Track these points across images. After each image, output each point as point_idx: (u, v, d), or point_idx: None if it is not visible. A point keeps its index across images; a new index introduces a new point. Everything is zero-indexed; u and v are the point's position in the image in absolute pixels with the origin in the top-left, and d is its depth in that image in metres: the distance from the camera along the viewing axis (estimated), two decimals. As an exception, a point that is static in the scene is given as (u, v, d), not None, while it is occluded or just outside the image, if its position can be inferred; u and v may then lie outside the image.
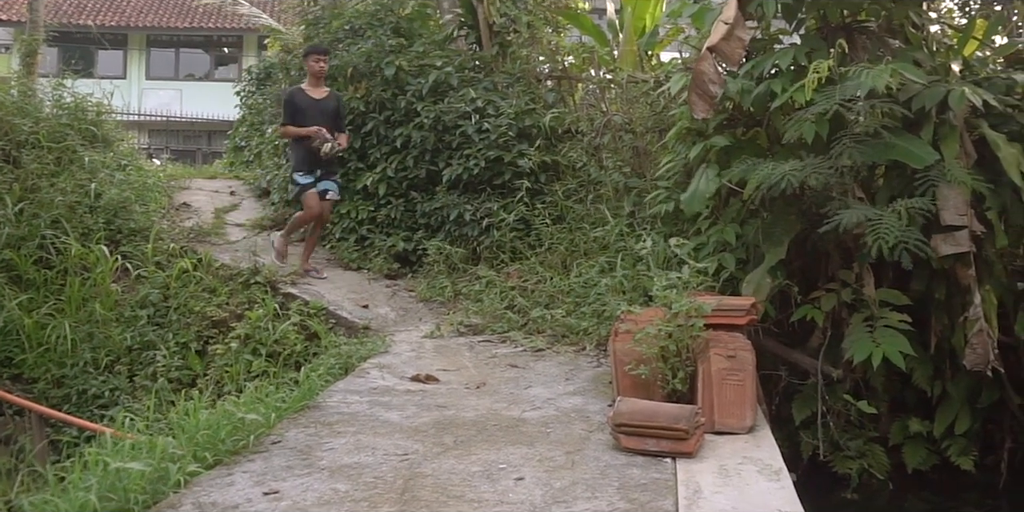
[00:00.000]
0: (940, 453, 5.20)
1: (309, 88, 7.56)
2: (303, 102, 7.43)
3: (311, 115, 7.38)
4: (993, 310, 5.04)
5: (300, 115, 7.39)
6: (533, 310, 6.24)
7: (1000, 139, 5.09)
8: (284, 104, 7.54)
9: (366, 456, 3.76)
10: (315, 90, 7.56)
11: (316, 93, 7.54)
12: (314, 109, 7.42)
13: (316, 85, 7.59)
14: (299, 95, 7.49)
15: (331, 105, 7.58)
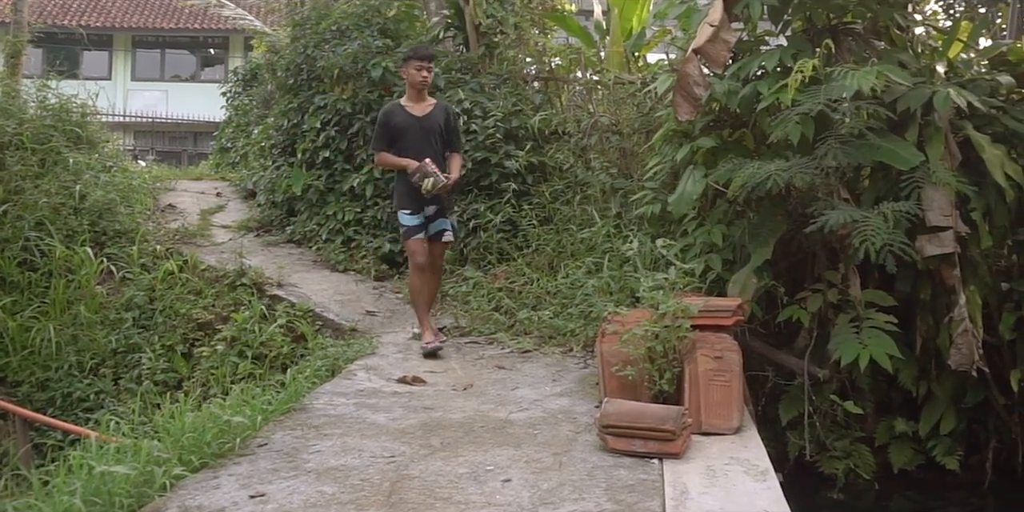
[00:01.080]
0: (926, 453, 5.21)
1: (409, 103, 6.10)
2: (402, 121, 6.01)
3: (412, 138, 5.98)
4: (978, 310, 5.05)
5: (399, 138, 6.01)
6: (520, 311, 6.24)
7: (984, 141, 5.11)
8: (378, 125, 6.14)
9: (353, 458, 3.75)
10: (416, 105, 6.08)
11: (417, 109, 6.07)
12: (415, 130, 5.99)
13: (418, 99, 6.10)
14: (396, 113, 6.05)
15: (437, 122, 6.07)
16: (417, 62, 6.01)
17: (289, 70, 9.18)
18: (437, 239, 6.12)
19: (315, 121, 8.68)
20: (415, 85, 6.04)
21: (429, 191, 5.82)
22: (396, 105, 6.13)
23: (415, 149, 5.91)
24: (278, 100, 9.77)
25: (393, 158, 6.02)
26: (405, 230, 6.04)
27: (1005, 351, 5.28)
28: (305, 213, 8.75)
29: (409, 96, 6.10)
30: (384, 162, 6.19)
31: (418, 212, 6.02)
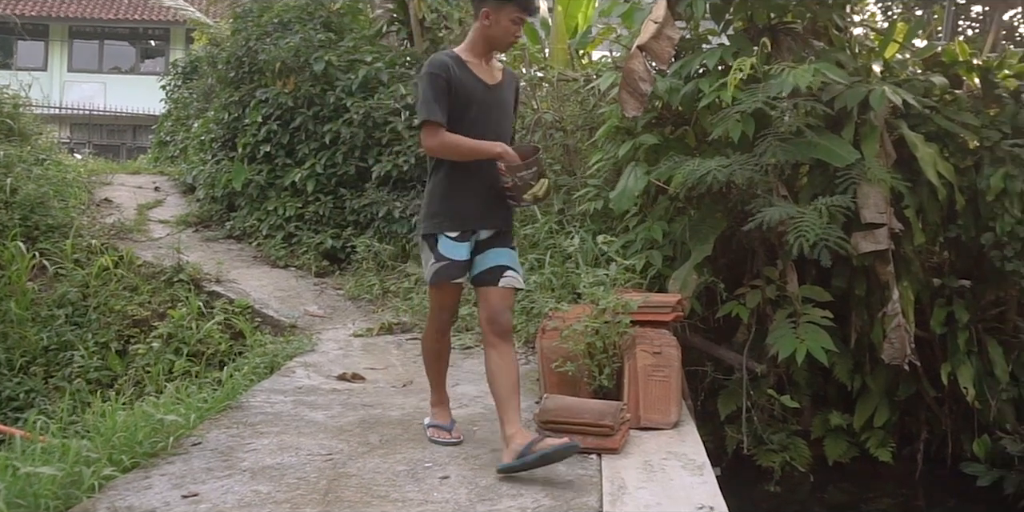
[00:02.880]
0: (859, 445, 5.32)
1: (473, 60, 3.72)
2: (468, 84, 3.67)
3: (481, 114, 3.70)
4: (910, 306, 5.16)
5: (463, 111, 3.66)
6: (462, 308, 6.20)
7: (918, 139, 5.22)
8: (430, 84, 3.59)
9: (289, 457, 3.69)
10: (484, 67, 3.76)
11: (486, 73, 3.76)
12: (485, 103, 3.72)
13: (488, 60, 3.79)
14: (459, 71, 3.65)
15: (508, 98, 3.89)
16: (517, 11, 3.68)
17: (230, 63, 9.05)
18: (492, 282, 3.73)
19: (256, 115, 8.56)
20: (498, 43, 3.74)
21: (538, 198, 3.69)
22: (455, 58, 3.67)
23: (484, 130, 3.67)
24: (219, 93, 9.62)
25: (469, 140, 3.60)
26: (440, 266, 3.70)
27: (936, 345, 5.41)
28: (245, 208, 8.64)
29: (473, 51, 3.72)
30: (452, 144, 3.60)
31: (467, 237, 3.73)
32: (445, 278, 3.71)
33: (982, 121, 5.47)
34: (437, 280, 3.73)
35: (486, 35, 3.72)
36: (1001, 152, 5.32)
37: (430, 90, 3.60)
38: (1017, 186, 5.18)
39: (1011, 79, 5.82)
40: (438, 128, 3.60)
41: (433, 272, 3.73)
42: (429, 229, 3.76)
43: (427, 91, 3.61)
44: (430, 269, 3.75)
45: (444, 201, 3.74)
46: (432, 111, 3.59)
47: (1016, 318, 5.40)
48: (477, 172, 3.68)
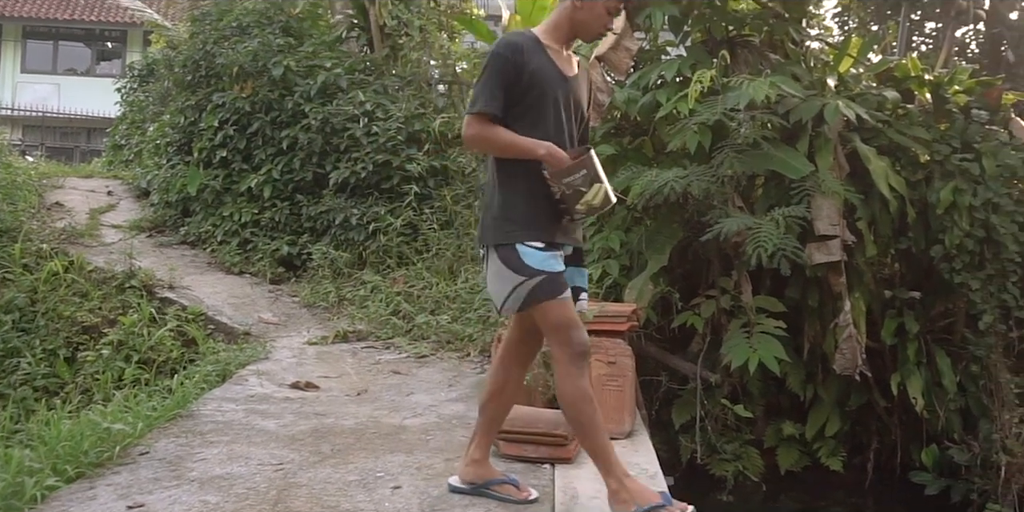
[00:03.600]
0: (811, 454, 5.38)
1: (553, 45, 3.12)
2: (544, 71, 3.05)
3: (552, 111, 3.07)
4: (862, 317, 5.24)
5: (532, 103, 3.03)
6: (418, 316, 6.18)
7: (871, 152, 5.31)
8: (496, 67, 3.00)
9: (239, 466, 3.63)
10: (563, 57, 3.15)
11: (567, 65, 3.15)
12: (560, 98, 3.09)
13: (566, 48, 3.18)
14: (538, 57, 3.04)
15: (582, 94, 3.25)
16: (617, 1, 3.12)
17: (187, 66, 8.95)
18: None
19: (213, 119, 8.46)
20: (586, 31, 3.17)
21: (594, 207, 3.04)
22: (532, 40, 3.07)
23: (544, 129, 3.03)
24: (175, 97, 9.50)
25: (517, 137, 2.99)
26: (540, 280, 2.93)
27: (886, 356, 5.49)
28: (200, 214, 8.52)
29: (554, 35, 3.12)
30: (488, 137, 3.00)
31: (556, 246, 3.06)
32: (549, 291, 2.92)
33: (933, 135, 5.58)
34: (547, 294, 2.91)
35: (573, 19, 3.13)
36: (951, 166, 5.42)
37: (493, 75, 3.00)
38: (966, 200, 5.29)
39: (961, 95, 5.94)
40: (483, 119, 2.97)
41: (533, 285, 2.91)
42: (514, 239, 2.97)
43: (490, 75, 3.00)
44: (530, 284, 2.92)
45: (527, 207, 3.02)
46: (487, 101, 2.97)
47: (964, 329, 5.49)
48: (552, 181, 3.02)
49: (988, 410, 5.23)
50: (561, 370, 3.01)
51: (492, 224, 3.06)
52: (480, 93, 3.01)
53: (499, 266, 2.99)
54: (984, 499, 4.90)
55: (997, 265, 5.29)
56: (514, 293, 2.95)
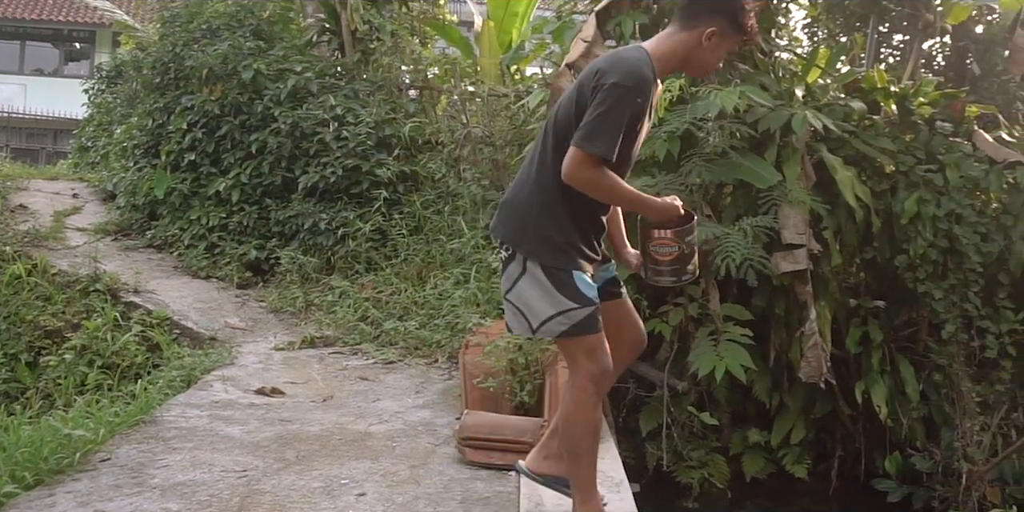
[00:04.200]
0: (776, 462, 5.40)
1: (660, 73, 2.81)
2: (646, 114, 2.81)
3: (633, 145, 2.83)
4: (827, 325, 5.27)
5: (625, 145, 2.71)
6: (386, 322, 6.16)
7: (837, 163, 5.36)
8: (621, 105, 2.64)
9: (202, 473, 3.60)
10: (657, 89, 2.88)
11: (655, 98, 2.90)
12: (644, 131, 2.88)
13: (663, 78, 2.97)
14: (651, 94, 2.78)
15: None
16: (740, 42, 3.16)
17: (156, 68, 8.88)
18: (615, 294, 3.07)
19: (181, 122, 8.40)
20: (698, 69, 2.95)
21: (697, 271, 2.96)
22: (652, 72, 2.74)
23: (622, 166, 2.82)
24: (143, 99, 9.42)
25: (639, 194, 2.86)
26: (592, 311, 2.79)
27: (851, 364, 5.53)
28: (167, 217, 8.45)
29: (663, 67, 2.82)
30: (611, 188, 2.72)
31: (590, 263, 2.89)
32: (591, 324, 2.79)
33: (898, 146, 5.64)
34: (587, 329, 2.78)
35: (691, 56, 2.83)
36: (915, 177, 5.49)
37: (622, 114, 2.65)
38: (930, 210, 5.35)
39: (926, 107, 6.02)
40: (599, 162, 2.65)
41: (579, 321, 2.77)
42: (563, 263, 2.78)
43: (618, 113, 2.64)
44: (569, 316, 2.76)
45: (582, 235, 2.82)
46: (608, 145, 2.63)
47: (927, 338, 5.55)
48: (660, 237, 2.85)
49: (950, 418, 5.28)
50: (578, 396, 2.83)
51: (541, 239, 2.79)
52: (601, 130, 2.64)
53: (548, 287, 2.78)
54: (945, 506, 4.95)
55: (959, 275, 5.36)
56: (560, 317, 2.77)
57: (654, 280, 2.93)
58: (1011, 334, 5.37)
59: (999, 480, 5.13)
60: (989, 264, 5.41)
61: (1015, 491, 5.08)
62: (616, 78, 2.66)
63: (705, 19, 2.79)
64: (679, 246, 2.79)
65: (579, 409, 2.83)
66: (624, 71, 2.68)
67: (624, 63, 2.72)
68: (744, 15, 2.81)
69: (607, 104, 2.64)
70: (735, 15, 2.80)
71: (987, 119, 6.54)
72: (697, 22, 2.80)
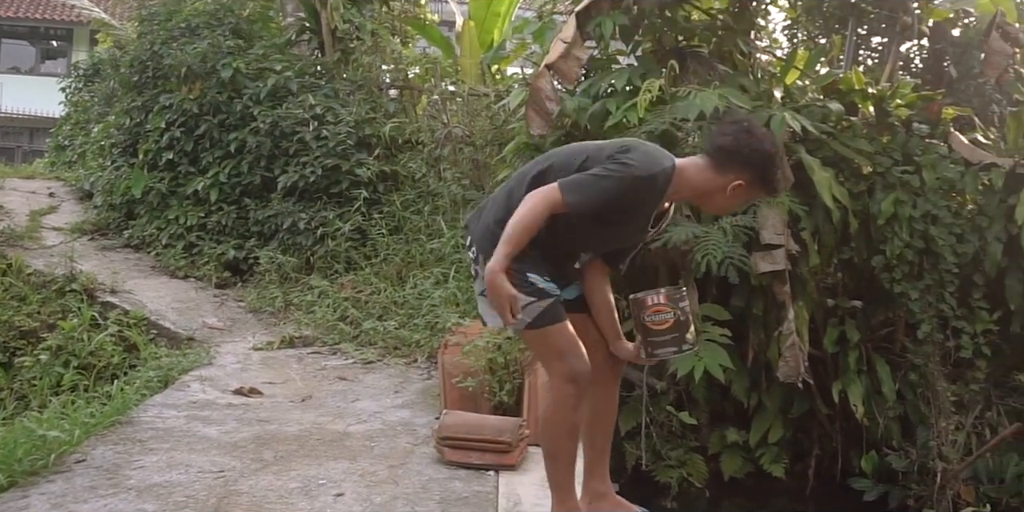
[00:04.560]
0: (754, 461, 5.43)
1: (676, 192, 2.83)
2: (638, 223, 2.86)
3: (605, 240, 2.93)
4: (805, 325, 5.31)
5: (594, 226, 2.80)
6: (366, 322, 6.14)
7: (815, 164, 5.39)
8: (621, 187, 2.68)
9: (179, 474, 3.57)
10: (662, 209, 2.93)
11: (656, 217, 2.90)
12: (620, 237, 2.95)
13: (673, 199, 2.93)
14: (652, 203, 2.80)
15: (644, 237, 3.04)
16: (764, 195, 3.10)
17: (134, 66, 8.82)
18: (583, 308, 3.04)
19: (159, 121, 8.35)
20: (712, 209, 3.08)
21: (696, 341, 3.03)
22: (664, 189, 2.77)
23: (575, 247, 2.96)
24: (121, 98, 9.36)
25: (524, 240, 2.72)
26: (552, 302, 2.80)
27: (828, 364, 5.56)
28: (145, 217, 8.39)
29: (681, 194, 2.89)
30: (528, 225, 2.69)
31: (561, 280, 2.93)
32: (555, 318, 2.79)
33: (875, 148, 5.68)
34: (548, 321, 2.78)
35: (711, 196, 2.86)
36: (892, 178, 5.53)
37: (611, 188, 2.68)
38: (906, 211, 5.39)
39: (903, 108, 6.06)
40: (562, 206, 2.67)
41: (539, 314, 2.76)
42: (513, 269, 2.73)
43: (610, 183, 2.68)
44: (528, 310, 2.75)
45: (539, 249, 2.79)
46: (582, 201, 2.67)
47: (903, 338, 5.59)
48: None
49: (925, 417, 5.33)
50: (555, 396, 2.80)
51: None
52: (588, 188, 2.67)
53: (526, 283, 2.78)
54: (920, 505, 4.99)
55: (935, 276, 5.40)
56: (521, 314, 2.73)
57: (655, 354, 2.91)
58: (986, 334, 5.41)
59: (973, 479, 5.17)
60: (964, 265, 5.46)
61: (989, 490, 5.13)
62: (634, 161, 2.70)
63: (736, 169, 2.79)
64: (674, 312, 2.81)
65: (555, 410, 2.81)
66: (646, 162, 2.72)
67: (650, 157, 2.76)
68: (773, 174, 2.83)
69: (610, 171, 2.68)
70: (765, 173, 2.81)
71: (963, 121, 6.60)
72: (728, 170, 2.80)
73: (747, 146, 2.79)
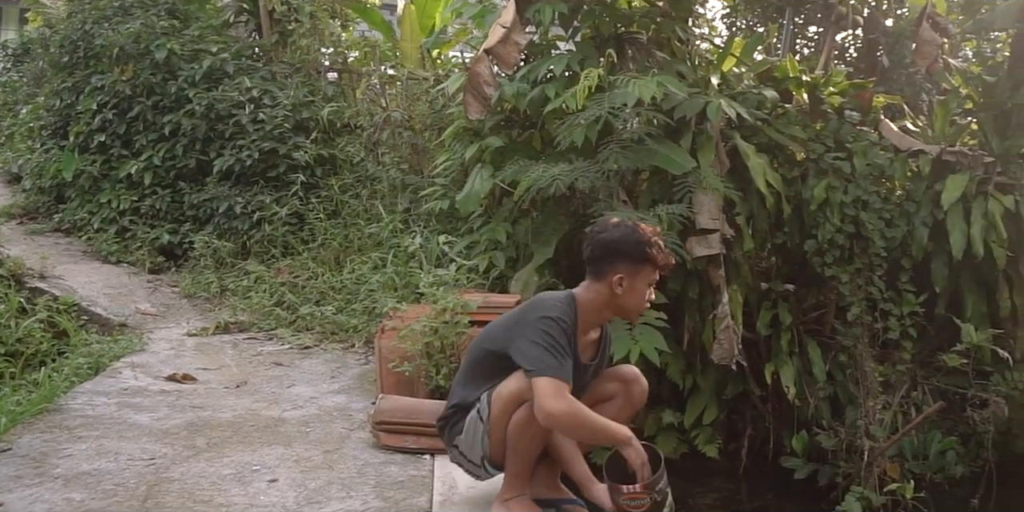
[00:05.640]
0: (689, 442, 5.52)
1: (586, 325, 2.94)
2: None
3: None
4: (739, 308, 5.40)
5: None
6: (303, 307, 6.08)
7: (750, 150, 5.48)
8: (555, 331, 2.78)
9: (108, 462, 3.52)
10: (584, 343, 2.99)
11: (585, 351, 3.00)
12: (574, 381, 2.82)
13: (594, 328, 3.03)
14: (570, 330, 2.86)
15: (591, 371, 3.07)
16: (655, 272, 2.95)
17: (64, 47, 8.57)
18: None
19: (91, 103, 8.15)
20: (631, 312, 3.04)
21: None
22: (572, 324, 2.87)
23: None
24: (51, 78, 9.12)
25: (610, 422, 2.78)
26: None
27: (762, 346, 5.68)
28: (76, 200, 8.18)
29: (592, 320, 2.95)
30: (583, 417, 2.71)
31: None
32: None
33: (808, 135, 5.79)
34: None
35: (613, 304, 2.91)
36: (825, 164, 5.64)
37: (559, 337, 2.76)
38: (838, 197, 5.51)
39: (835, 96, 6.19)
40: (566, 388, 2.70)
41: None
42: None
43: (555, 336, 2.75)
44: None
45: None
46: (560, 368, 2.71)
47: (834, 320, 5.72)
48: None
49: (854, 397, 5.46)
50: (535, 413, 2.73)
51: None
52: (547, 356, 2.72)
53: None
54: (848, 482, 5.12)
55: (865, 259, 5.54)
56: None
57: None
58: (912, 316, 5.57)
59: (899, 456, 5.33)
60: (893, 249, 5.61)
61: (913, 466, 5.29)
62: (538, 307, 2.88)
63: (608, 267, 2.87)
64: (650, 497, 2.75)
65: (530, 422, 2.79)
66: (543, 306, 2.87)
67: (547, 302, 2.91)
68: (644, 248, 2.86)
69: (535, 326, 2.79)
70: (634, 254, 2.86)
71: (894, 109, 6.76)
72: (603, 272, 2.88)
73: (600, 244, 2.90)
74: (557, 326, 2.79)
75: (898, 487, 4.73)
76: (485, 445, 2.95)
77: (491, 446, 2.94)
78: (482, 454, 2.98)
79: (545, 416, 2.67)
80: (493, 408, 2.89)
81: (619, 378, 3.12)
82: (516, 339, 2.81)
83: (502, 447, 2.91)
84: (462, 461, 3.08)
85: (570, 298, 2.93)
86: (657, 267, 2.91)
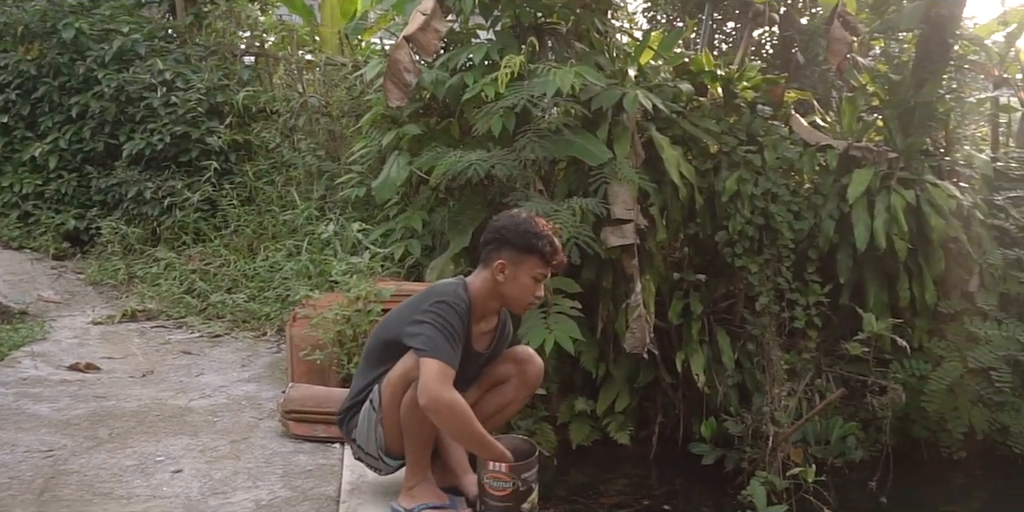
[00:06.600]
0: (601, 429, 5.58)
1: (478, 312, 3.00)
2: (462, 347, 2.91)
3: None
4: (651, 297, 5.48)
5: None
6: (214, 294, 5.97)
7: (665, 142, 5.55)
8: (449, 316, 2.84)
9: (3, 454, 3.43)
10: (478, 331, 3.06)
11: (479, 340, 3.08)
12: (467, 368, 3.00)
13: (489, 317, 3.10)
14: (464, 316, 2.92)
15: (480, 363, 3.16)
16: (541, 267, 2.95)
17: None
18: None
19: (-8, 82, 7.82)
20: (515, 304, 3.04)
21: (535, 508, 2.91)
22: (468, 309, 2.93)
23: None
24: (-51, 56, 8.68)
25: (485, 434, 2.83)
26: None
27: (673, 335, 5.77)
28: (-26, 184, 7.86)
29: (484, 308, 3.02)
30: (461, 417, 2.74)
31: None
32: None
33: (722, 128, 5.89)
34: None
35: (498, 292, 2.95)
36: (737, 157, 5.75)
37: (452, 323, 2.80)
38: (748, 189, 5.63)
39: (749, 91, 6.31)
40: (452, 375, 2.74)
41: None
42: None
43: (447, 321, 2.79)
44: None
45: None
46: (450, 354, 2.75)
47: (743, 310, 5.84)
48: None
49: (761, 385, 5.58)
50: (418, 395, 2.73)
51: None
52: (440, 338, 2.76)
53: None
54: (754, 467, 5.23)
55: (773, 251, 5.67)
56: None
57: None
58: (817, 306, 5.73)
59: (802, 441, 5.46)
60: (800, 241, 5.75)
61: (816, 451, 5.44)
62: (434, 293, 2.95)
63: (494, 254, 2.95)
64: (514, 482, 2.77)
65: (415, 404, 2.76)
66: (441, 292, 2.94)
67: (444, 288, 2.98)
68: (530, 238, 2.91)
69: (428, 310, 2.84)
70: (518, 242, 2.91)
71: (805, 105, 6.93)
72: (489, 258, 2.97)
73: (490, 229, 3.02)
74: (452, 310, 2.84)
75: (800, 471, 4.85)
76: (379, 434, 2.94)
77: (385, 434, 2.93)
78: (377, 445, 2.96)
79: (428, 399, 2.67)
80: (384, 394, 2.89)
81: (513, 359, 3.16)
82: (409, 324, 2.83)
83: (398, 434, 2.90)
84: (362, 455, 3.07)
85: (462, 284, 3.00)
86: (545, 261, 2.94)
